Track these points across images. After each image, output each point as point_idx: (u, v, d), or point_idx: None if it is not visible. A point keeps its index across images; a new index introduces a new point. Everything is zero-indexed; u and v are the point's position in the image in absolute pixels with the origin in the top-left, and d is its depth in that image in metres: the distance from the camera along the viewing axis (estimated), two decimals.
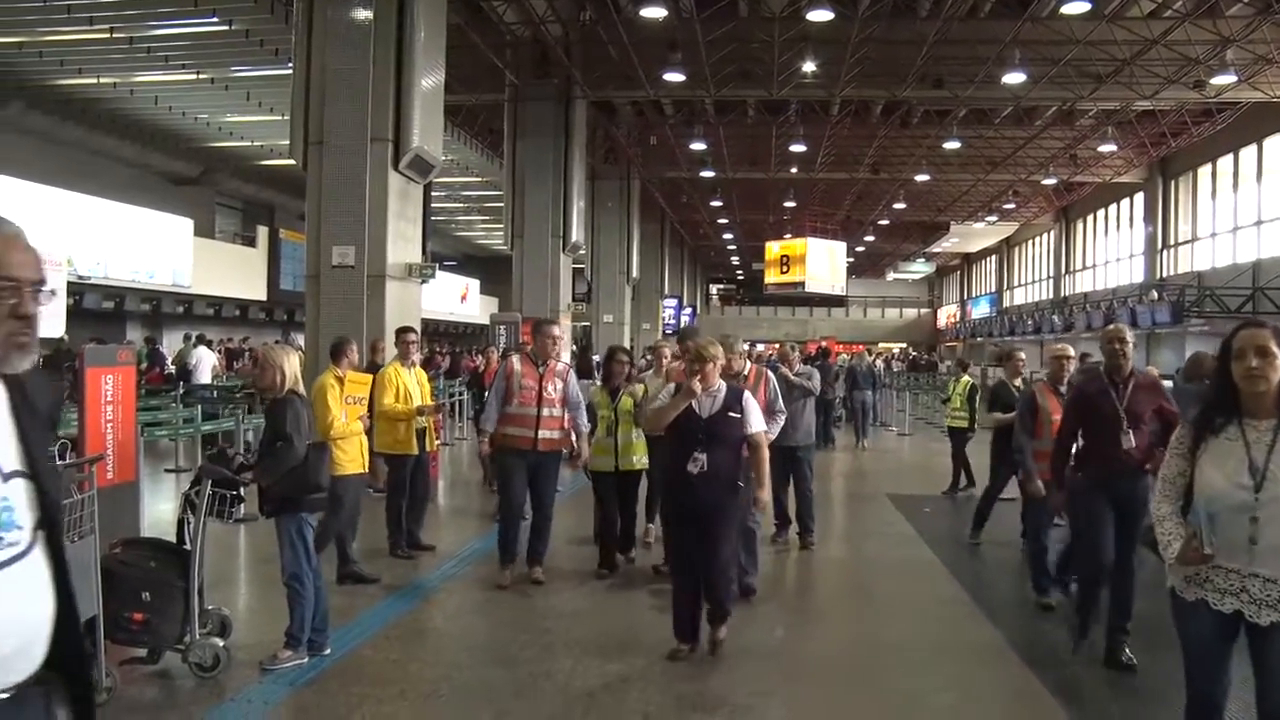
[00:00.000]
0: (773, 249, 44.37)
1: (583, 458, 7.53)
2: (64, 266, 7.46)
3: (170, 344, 24.90)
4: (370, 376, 7.86)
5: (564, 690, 5.18)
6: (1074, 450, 5.91)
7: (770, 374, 7.24)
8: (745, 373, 6.94)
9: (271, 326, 31.99)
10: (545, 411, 7.19)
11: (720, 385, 5.79)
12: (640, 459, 7.90)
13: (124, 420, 6.94)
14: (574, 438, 7.44)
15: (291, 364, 5.63)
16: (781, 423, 7.10)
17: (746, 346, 10.70)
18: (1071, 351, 7.50)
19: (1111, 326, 6.24)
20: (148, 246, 25.04)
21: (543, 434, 7.22)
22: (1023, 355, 9.41)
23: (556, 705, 4.98)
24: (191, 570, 5.22)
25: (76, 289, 21.12)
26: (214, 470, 5.40)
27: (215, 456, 5.82)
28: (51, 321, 7.21)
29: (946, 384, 12.97)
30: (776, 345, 11.72)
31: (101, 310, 23.89)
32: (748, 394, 5.92)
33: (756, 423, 5.77)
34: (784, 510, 9.07)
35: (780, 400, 7.13)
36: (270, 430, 5.53)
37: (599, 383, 8.75)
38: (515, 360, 7.42)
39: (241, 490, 5.48)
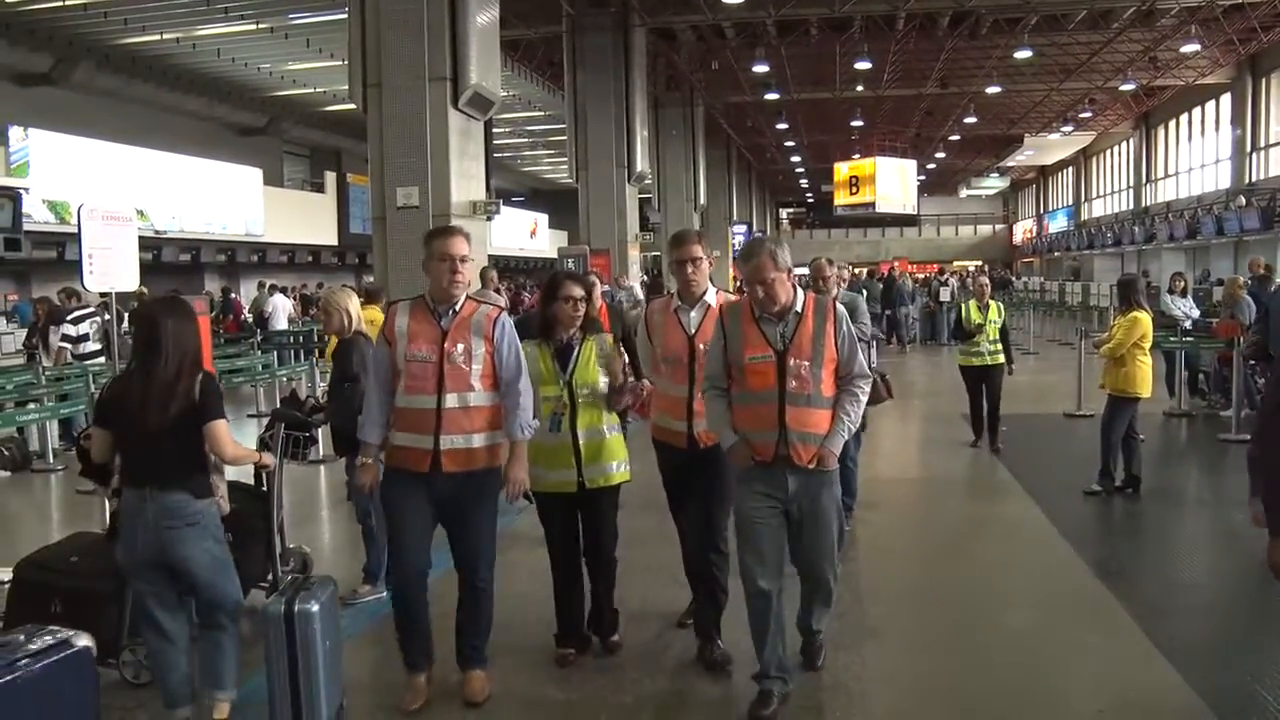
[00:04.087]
0: (841, 170, 43.56)
1: (516, 481, 4.34)
2: (134, 220, 7.61)
3: (246, 293, 25.43)
4: None
5: None
6: None
7: (841, 309, 4.29)
8: (799, 306, 4.18)
9: (344, 270, 32.48)
10: (452, 399, 4.21)
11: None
12: (620, 466, 4.71)
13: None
14: (510, 442, 4.34)
15: (354, 306, 5.75)
16: (868, 391, 4.34)
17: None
18: None
19: None
20: (220, 198, 25.55)
21: (448, 441, 4.21)
22: None
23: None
24: (271, 511, 5.37)
25: (154, 244, 21.66)
26: (286, 413, 5.53)
27: (288, 400, 5.96)
28: (126, 275, 7.37)
29: (962, 307, 10.41)
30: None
31: (179, 263, 24.51)
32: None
33: None
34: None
35: (860, 357, 4.28)
36: (338, 371, 5.65)
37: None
38: (400, 312, 4.37)
39: (314, 432, 5.60)
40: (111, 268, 7.27)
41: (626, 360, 4.79)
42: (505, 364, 4.30)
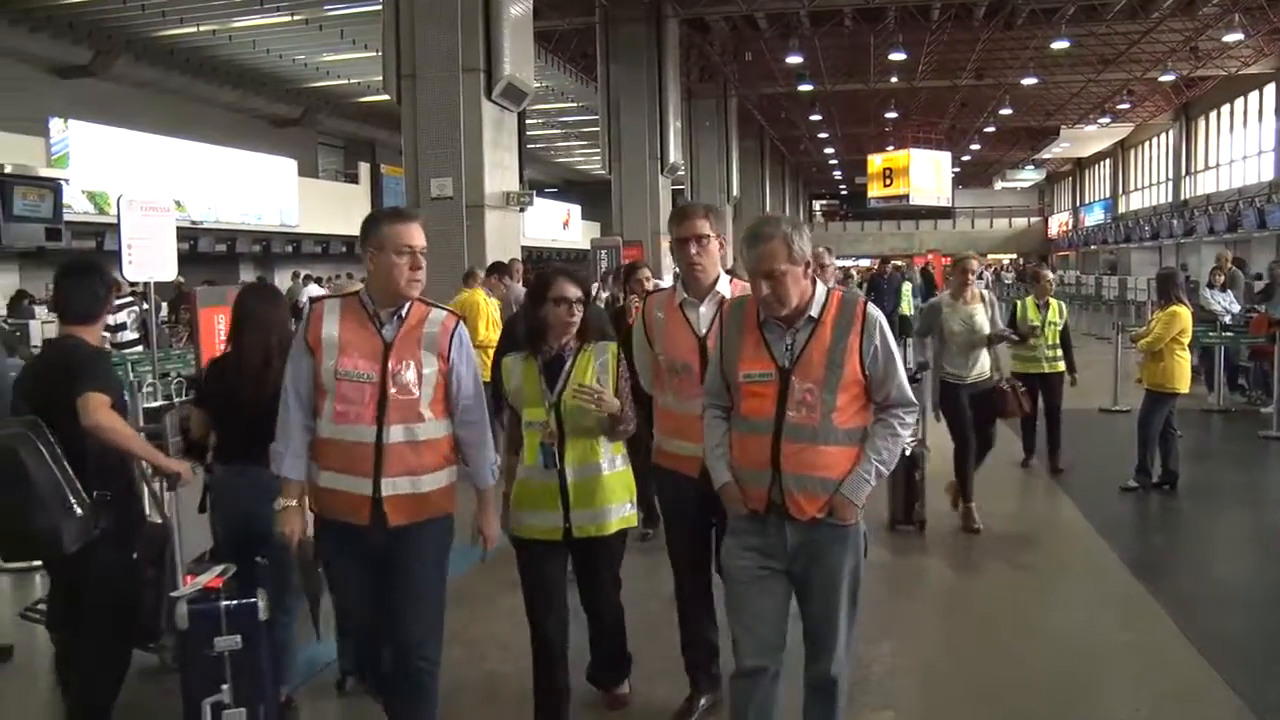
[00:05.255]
0: (875, 162, 43.37)
1: (491, 533, 3.56)
2: (172, 211, 7.72)
3: (281, 283, 25.62)
4: None
5: None
6: None
7: (876, 313, 3.14)
8: (816, 312, 3.09)
9: None
10: (396, 431, 3.28)
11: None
12: (621, 510, 3.80)
13: None
14: (479, 487, 3.54)
15: None
16: (911, 424, 3.27)
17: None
18: None
19: None
20: (255, 189, 25.74)
21: (391, 486, 3.28)
22: None
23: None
24: None
25: (190, 234, 21.83)
26: None
27: None
28: (164, 265, 7.46)
29: (1018, 305, 9.01)
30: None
31: (216, 253, 24.72)
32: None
33: None
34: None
35: (903, 379, 3.15)
36: None
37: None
38: (328, 313, 3.36)
39: None
40: (150, 258, 7.36)
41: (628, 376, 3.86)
42: (463, 389, 3.39)
